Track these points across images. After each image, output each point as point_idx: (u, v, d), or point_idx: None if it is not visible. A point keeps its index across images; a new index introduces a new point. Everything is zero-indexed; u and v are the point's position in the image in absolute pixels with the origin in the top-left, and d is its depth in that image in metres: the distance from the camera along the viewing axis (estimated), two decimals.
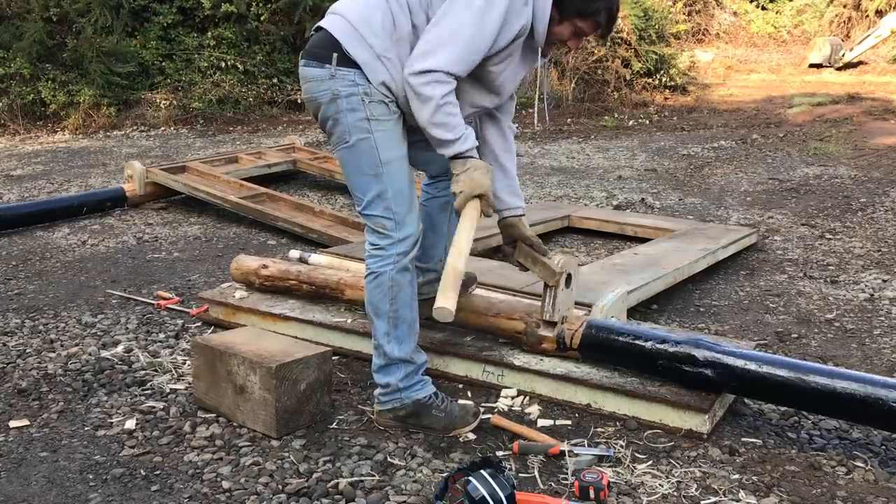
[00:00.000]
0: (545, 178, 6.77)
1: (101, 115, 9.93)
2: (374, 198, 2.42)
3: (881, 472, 2.27)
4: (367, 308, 2.51)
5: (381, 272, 2.44)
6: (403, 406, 2.48)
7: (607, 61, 11.26)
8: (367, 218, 2.45)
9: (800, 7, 15.43)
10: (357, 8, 2.38)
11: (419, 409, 2.48)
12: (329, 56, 2.35)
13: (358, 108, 2.36)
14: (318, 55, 2.38)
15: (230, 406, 2.55)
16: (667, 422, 2.49)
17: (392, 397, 2.49)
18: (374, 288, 2.46)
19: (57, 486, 2.23)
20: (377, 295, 2.46)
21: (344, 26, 2.35)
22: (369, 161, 2.40)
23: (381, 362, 2.50)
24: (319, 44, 2.39)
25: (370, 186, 2.41)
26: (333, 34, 2.35)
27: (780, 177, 6.67)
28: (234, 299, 3.42)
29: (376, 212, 2.43)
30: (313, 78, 2.39)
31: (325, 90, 2.37)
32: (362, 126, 2.37)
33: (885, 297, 3.79)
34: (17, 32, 10.11)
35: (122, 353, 3.13)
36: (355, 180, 2.44)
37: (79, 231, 5.14)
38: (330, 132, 2.44)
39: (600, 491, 2.09)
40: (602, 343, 2.62)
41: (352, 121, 2.37)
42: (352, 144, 2.39)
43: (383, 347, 2.48)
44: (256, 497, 2.15)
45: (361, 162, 2.40)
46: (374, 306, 2.47)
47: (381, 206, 2.42)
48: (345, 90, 2.35)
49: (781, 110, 10.37)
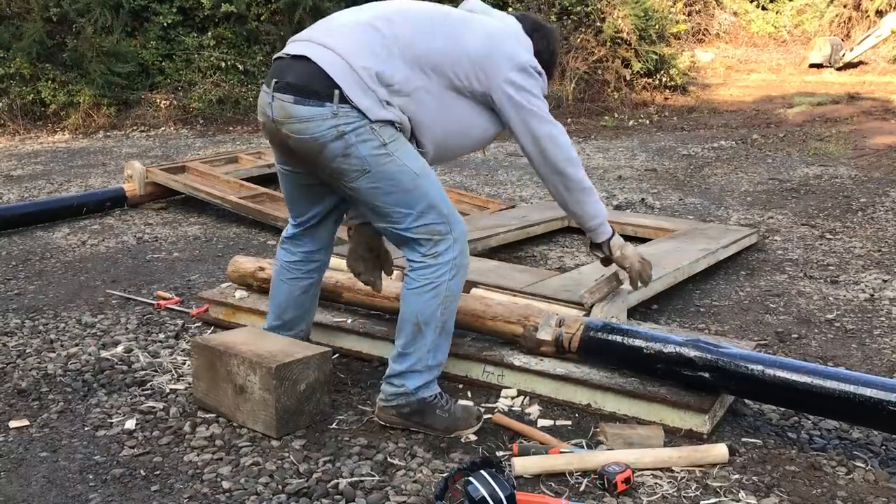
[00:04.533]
0: None
1: (101, 115, 9.93)
2: (424, 208, 2.35)
3: (881, 472, 2.27)
4: (411, 317, 2.41)
5: (439, 282, 2.38)
6: (409, 404, 2.46)
7: (607, 61, 11.26)
8: (416, 231, 2.37)
9: (800, 7, 15.43)
10: (353, 48, 2.28)
11: (424, 408, 2.47)
12: (330, 94, 2.24)
13: (369, 138, 2.28)
14: (315, 92, 2.24)
15: (230, 406, 2.55)
16: (667, 422, 2.49)
17: (399, 397, 2.47)
18: (430, 299, 2.39)
19: (57, 486, 2.23)
20: (431, 306, 2.40)
21: (343, 68, 2.26)
22: (405, 177, 2.33)
23: (401, 368, 2.46)
24: (315, 80, 2.25)
25: (416, 199, 2.35)
26: (332, 75, 2.24)
27: (780, 177, 6.67)
28: (234, 299, 3.42)
29: (428, 220, 2.36)
30: (311, 117, 2.25)
31: (329, 129, 2.25)
32: (380, 152, 2.29)
33: (885, 298, 3.79)
34: (17, 32, 10.10)
35: (122, 353, 3.13)
36: (395, 199, 2.34)
37: (79, 231, 5.14)
38: (339, 168, 2.31)
39: (612, 481, 2.13)
40: (601, 346, 2.62)
41: (366, 152, 2.28)
42: (374, 171, 2.30)
43: (420, 358, 2.44)
44: (256, 497, 2.15)
45: (396, 181, 2.32)
46: (425, 317, 2.40)
47: (432, 214, 2.36)
48: (350, 126, 2.26)
49: (781, 110, 10.37)
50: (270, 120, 2.36)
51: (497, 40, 2.47)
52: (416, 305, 2.41)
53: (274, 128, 2.36)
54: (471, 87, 2.44)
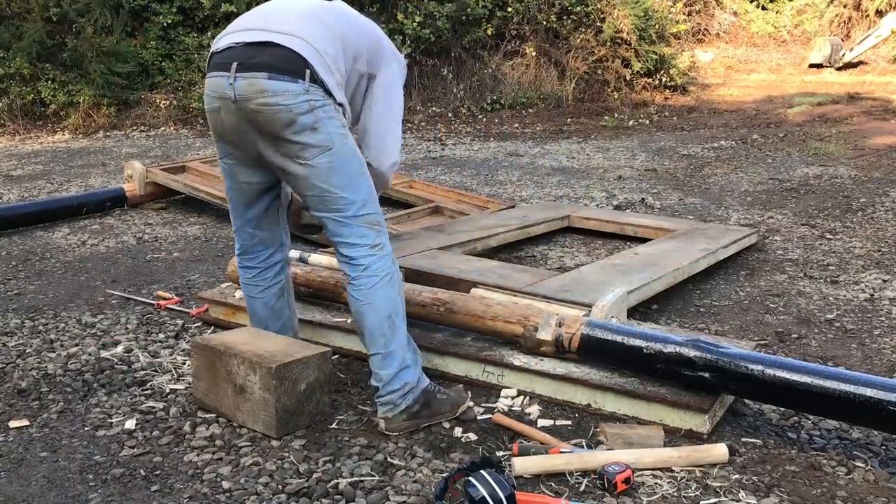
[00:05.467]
0: (545, 178, 6.77)
1: (101, 115, 9.93)
2: (367, 196, 2.47)
3: (881, 472, 2.27)
4: (384, 312, 2.45)
5: (392, 271, 2.48)
6: (416, 400, 2.49)
7: (607, 61, 11.26)
8: (362, 218, 2.45)
9: (800, 7, 15.43)
10: (313, 34, 2.43)
11: (428, 398, 2.52)
12: (302, 73, 2.35)
13: (334, 115, 2.41)
14: (289, 70, 2.35)
15: (230, 406, 2.55)
16: (667, 422, 2.49)
17: (406, 396, 2.47)
18: (391, 289, 2.46)
19: (57, 486, 2.23)
20: (394, 295, 2.47)
21: (311, 51, 2.39)
22: (356, 161, 2.47)
23: (396, 368, 2.47)
24: (288, 60, 2.36)
25: (362, 185, 2.47)
26: (303, 55, 2.37)
27: (780, 177, 6.67)
28: (234, 299, 3.42)
29: (372, 210, 2.48)
30: (286, 91, 2.34)
31: (301, 102, 2.35)
32: (342, 132, 2.43)
33: (885, 298, 3.79)
34: (17, 32, 10.10)
35: (122, 353, 3.13)
36: (346, 182, 2.43)
37: (79, 231, 5.14)
38: (304, 142, 2.38)
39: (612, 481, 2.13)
40: (601, 346, 2.62)
41: (332, 128, 2.40)
42: (335, 149, 2.40)
43: (402, 350, 2.48)
44: (256, 497, 2.15)
45: (350, 164, 2.44)
46: (395, 308, 2.47)
47: (373, 204, 2.49)
48: (320, 101, 2.38)
49: (781, 110, 10.37)
50: (231, 101, 2.39)
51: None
52: (384, 300, 2.46)
53: (235, 108, 2.39)
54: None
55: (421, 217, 5.15)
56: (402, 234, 4.33)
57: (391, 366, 2.46)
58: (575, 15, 11.25)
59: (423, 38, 10.56)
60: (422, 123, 9.98)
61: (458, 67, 11.00)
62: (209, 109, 2.50)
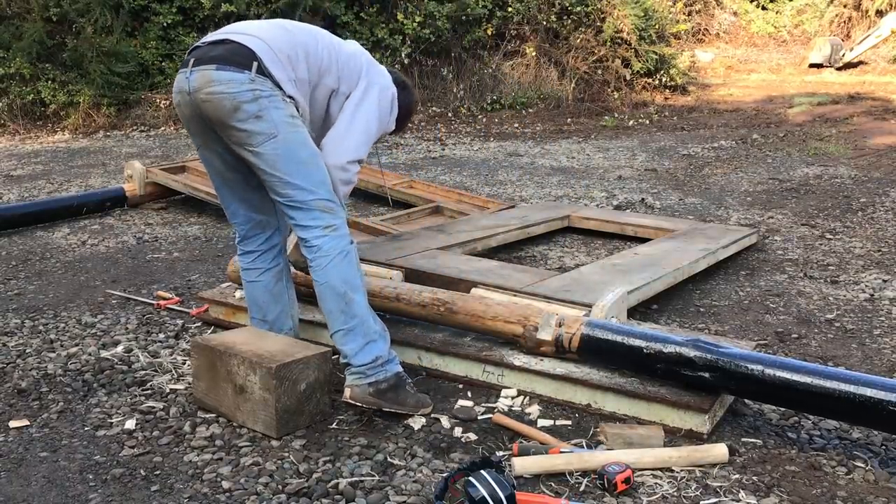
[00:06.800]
0: (545, 178, 6.77)
1: (101, 115, 9.93)
2: (318, 181, 2.55)
3: (881, 472, 2.27)
4: (341, 288, 2.53)
5: (347, 248, 2.56)
6: (386, 379, 2.54)
7: (607, 61, 11.26)
8: (312, 203, 2.53)
9: (800, 7, 15.44)
10: (270, 35, 2.56)
11: (398, 383, 2.57)
12: (249, 64, 2.45)
13: (281, 106, 2.49)
14: (236, 62, 2.45)
15: (230, 406, 2.55)
16: (667, 422, 2.49)
17: (377, 370, 2.53)
18: (347, 265, 2.55)
19: (57, 486, 2.23)
20: (351, 270, 2.56)
21: (263, 47, 2.50)
22: (305, 148, 2.53)
23: (362, 341, 2.54)
24: (236, 53, 2.47)
25: (311, 171, 2.54)
26: (253, 49, 2.48)
27: (780, 177, 6.67)
28: (234, 299, 3.42)
29: (322, 195, 2.55)
30: (231, 80, 2.44)
31: (246, 90, 2.44)
32: (289, 121, 2.50)
33: (885, 298, 3.79)
34: (17, 32, 10.10)
35: (122, 353, 3.13)
36: (294, 168, 2.51)
37: (79, 231, 5.14)
38: (250, 130, 2.46)
39: (612, 481, 2.13)
40: (601, 346, 2.62)
41: (278, 117, 2.48)
42: (281, 136, 2.48)
43: (366, 324, 2.55)
44: (256, 497, 2.15)
45: (298, 150, 2.51)
46: (351, 283, 2.54)
47: (324, 189, 2.56)
48: (266, 91, 2.46)
49: (781, 110, 10.37)
50: (187, 93, 2.53)
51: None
52: (339, 277, 2.52)
53: (190, 100, 2.53)
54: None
55: (421, 217, 5.15)
56: (402, 234, 4.33)
57: (355, 340, 2.54)
58: (575, 15, 11.26)
59: (423, 38, 10.56)
60: (422, 124, 9.98)
61: (458, 67, 11.00)
62: (175, 103, 2.65)
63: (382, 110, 2.77)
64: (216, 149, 2.66)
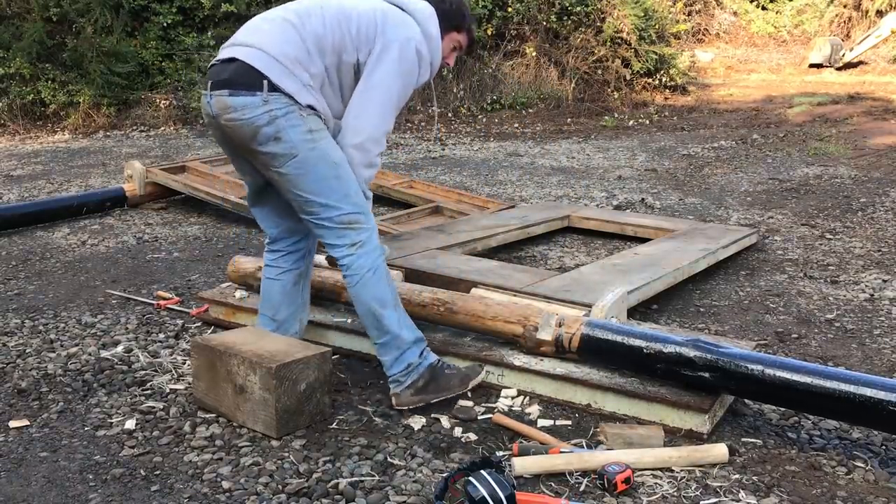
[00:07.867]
0: (545, 178, 6.77)
1: (101, 115, 9.93)
2: (341, 197, 2.53)
3: (881, 472, 2.27)
4: (371, 306, 2.58)
5: (376, 266, 2.57)
6: (421, 375, 2.61)
7: (607, 61, 11.26)
8: (337, 219, 2.54)
9: (800, 7, 15.44)
10: (273, 41, 2.49)
11: (435, 374, 2.63)
12: (259, 84, 2.43)
13: (298, 123, 2.46)
14: (246, 84, 2.44)
15: (230, 406, 2.55)
16: (667, 422, 2.49)
17: (410, 374, 2.60)
18: (376, 282, 2.57)
19: (57, 486, 2.23)
20: (381, 287, 2.58)
21: (267, 60, 2.46)
22: (325, 165, 2.51)
23: (395, 354, 2.61)
24: (245, 74, 2.45)
25: (333, 186, 2.52)
26: (257, 68, 2.44)
27: (780, 177, 6.67)
28: (234, 299, 3.42)
29: (346, 209, 2.54)
30: (245, 105, 2.44)
31: (261, 114, 2.43)
32: (307, 138, 2.48)
33: (885, 297, 3.79)
34: (17, 32, 10.10)
35: (122, 353, 3.13)
36: (316, 187, 2.50)
37: (79, 231, 5.14)
38: (272, 152, 2.48)
39: (612, 481, 2.13)
40: (601, 346, 2.62)
41: (295, 136, 2.46)
42: (301, 156, 2.47)
43: (398, 338, 2.60)
44: (256, 497, 2.15)
45: (318, 166, 2.50)
46: (381, 300, 2.58)
47: (349, 203, 2.54)
48: (281, 110, 2.44)
49: (781, 110, 10.37)
50: (212, 116, 2.56)
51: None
52: (367, 294, 2.57)
53: (216, 123, 2.56)
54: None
55: (421, 217, 5.15)
56: (402, 234, 4.33)
57: (389, 353, 2.61)
58: (575, 15, 11.25)
59: None
60: (422, 123, 9.98)
61: (457, 67, 10.99)
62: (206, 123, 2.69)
63: (405, 67, 2.59)
64: (249, 159, 2.67)
